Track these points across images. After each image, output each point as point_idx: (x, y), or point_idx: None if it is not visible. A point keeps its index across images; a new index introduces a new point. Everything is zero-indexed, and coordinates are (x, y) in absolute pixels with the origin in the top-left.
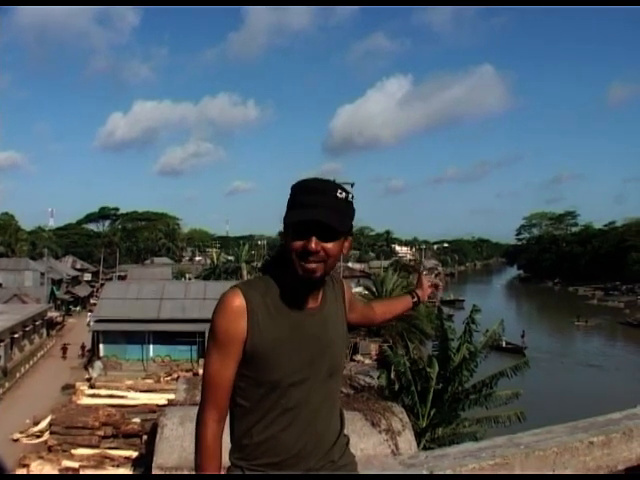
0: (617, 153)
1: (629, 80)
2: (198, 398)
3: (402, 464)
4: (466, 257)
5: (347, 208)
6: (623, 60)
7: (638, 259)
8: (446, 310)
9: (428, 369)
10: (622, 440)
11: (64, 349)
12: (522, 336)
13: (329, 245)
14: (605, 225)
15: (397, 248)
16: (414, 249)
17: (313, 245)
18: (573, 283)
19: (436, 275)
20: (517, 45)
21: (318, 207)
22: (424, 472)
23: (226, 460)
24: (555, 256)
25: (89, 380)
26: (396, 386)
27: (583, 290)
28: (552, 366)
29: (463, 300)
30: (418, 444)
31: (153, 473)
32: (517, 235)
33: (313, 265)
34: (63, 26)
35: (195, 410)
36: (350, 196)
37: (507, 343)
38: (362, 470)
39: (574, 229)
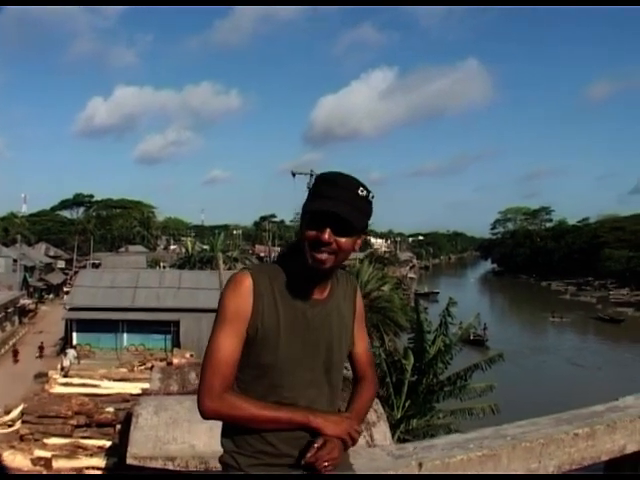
0: (594, 150)
1: (609, 78)
2: (172, 388)
3: (390, 455)
4: (441, 250)
5: (366, 206)
6: (604, 58)
7: (611, 255)
8: (420, 302)
9: (404, 361)
10: (606, 432)
11: (41, 348)
12: (484, 329)
13: (342, 239)
14: (579, 221)
15: (372, 240)
16: (389, 241)
17: (326, 236)
18: (546, 278)
19: (411, 267)
20: (503, 41)
21: (338, 200)
22: (413, 463)
23: (218, 448)
24: (529, 251)
25: (62, 369)
26: None
27: (556, 285)
28: (524, 360)
29: (437, 293)
30: (393, 435)
31: (127, 463)
32: (492, 229)
33: (324, 256)
34: (46, 8)
35: (170, 400)
36: (371, 195)
37: (475, 335)
38: (351, 459)
39: (548, 224)
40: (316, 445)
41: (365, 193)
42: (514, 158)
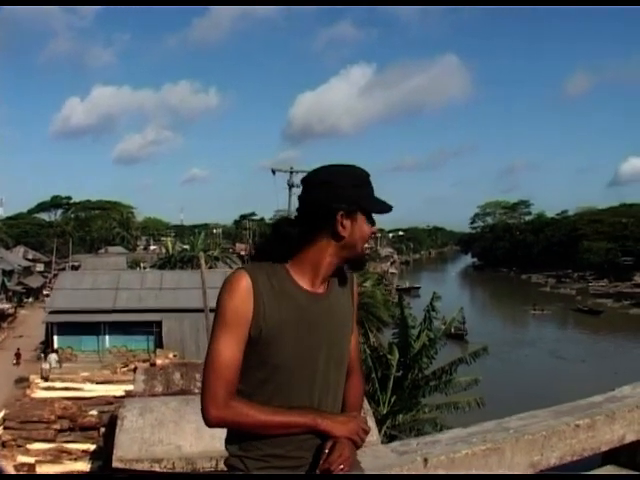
0: (572, 144)
1: (587, 71)
2: (157, 389)
3: (394, 451)
4: (421, 245)
5: None
6: (582, 52)
7: (589, 247)
8: (403, 298)
9: (389, 356)
10: (605, 422)
11: (17, 355)
12: (463, 323)
13: None
14: (558, 214)
15: None
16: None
17: (376, 231)
18: (526, 271)
19: (392, 263)
20: (482, 36)
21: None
22: (418, 459)
23: (223, 450)
24: (509, 244)
25: (43, 372)
26: None
27: (536, 278)
28: (507, 354)
29: (419, 288)
30: (379, 431)
31: (113, 466)
32: (471, 224)
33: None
34: (20, 7)
35: (155, 402)
36: None
37: (456, 329)
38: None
39: (527, 218)
40: (326, 450)
41: None
42: (493, 152)
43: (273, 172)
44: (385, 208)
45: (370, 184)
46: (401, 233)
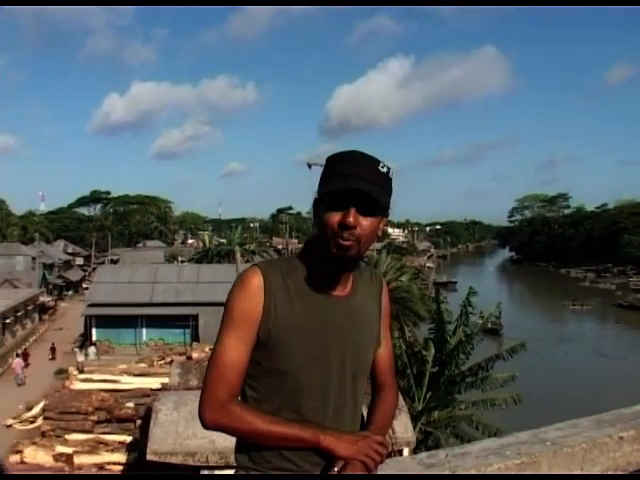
0: (613, 135)
1: (629, 62)
2: (192, 382)
3: (421, 464)
4: (458, 239)
5: (388, 184)
6: (624, 42)
7: (630, 241)
8: (440, 292)
9: (424, 352)
10: None
11: (52, 349)
12: (498, 317)
13: (366, 221)
14: (597, 207)
15: (390, 230)
16: (407, 231)
17: (351, 218)
18: (565, 265)
19: (429, 257)
20: (521, 26)
21: (358, 178)
22: (446, 472)
23: (231, 460)
24: (547, 238)
25: (79, 365)
26: None
27: (575, 272)
28: (546, 350)
29: (456, 282)
30: (414, 427)
31: (147, 459)
32: (509, 217)
33: (348, 242)
34: (62, 6)
35: (189, 395)
36: (391, 172)
37: (492, 323)
38: (380, 470)
39: (566, 211)
40: (335, 469)
41: (386, 169)
42: (531, 145)
43: (309, 166)
44: (333, 186)
45: (334, 165)
46: (438, 227)
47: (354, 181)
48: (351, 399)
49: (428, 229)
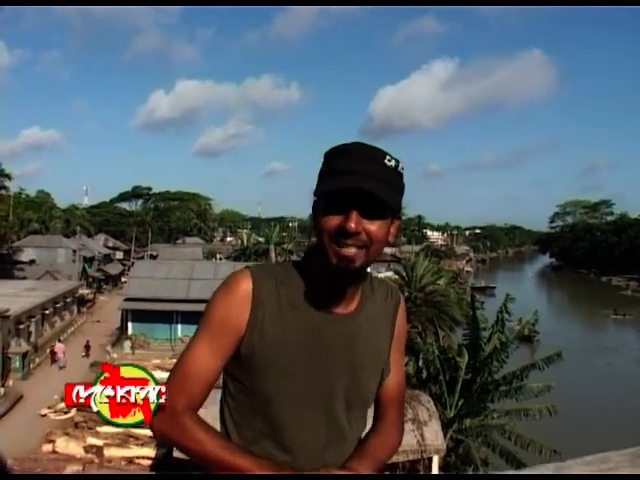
0: None
1: None
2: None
3: None
4: (498, 244)
5: (397, 180)
6: None
7: None
8: (476, 297)
9: (458, 358)
10: None
11: (87, 347)
12: (534, 324)
13: (373, 225)
14: None
15: (429, 233)
16: (446, 234)
17: (353, 223)
18: (607, 273)
19: (468, 261)
20: (566, 28)
21: (360, 174)
22: None
23: None
24: (589, 245)
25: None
26: (424, 374)
27: (617, 280)
28: (586, 360)
29: (494, 287)
30: (445, 435)
31: (174, 456)
32: (550, 223)
33: (352, 250)
34: (109, 6)
35: (219, 394)
36: (401, 166)
37: (528, 330)
38: None
39: (609, 218)
40: None
41: (393, 163)
42: (574, 151)
43: None
44: (328, 186)
45: (332, 160)
46: (478, 231)
47: (355, 179)
48: (345, 433)
49: (467, 233)
